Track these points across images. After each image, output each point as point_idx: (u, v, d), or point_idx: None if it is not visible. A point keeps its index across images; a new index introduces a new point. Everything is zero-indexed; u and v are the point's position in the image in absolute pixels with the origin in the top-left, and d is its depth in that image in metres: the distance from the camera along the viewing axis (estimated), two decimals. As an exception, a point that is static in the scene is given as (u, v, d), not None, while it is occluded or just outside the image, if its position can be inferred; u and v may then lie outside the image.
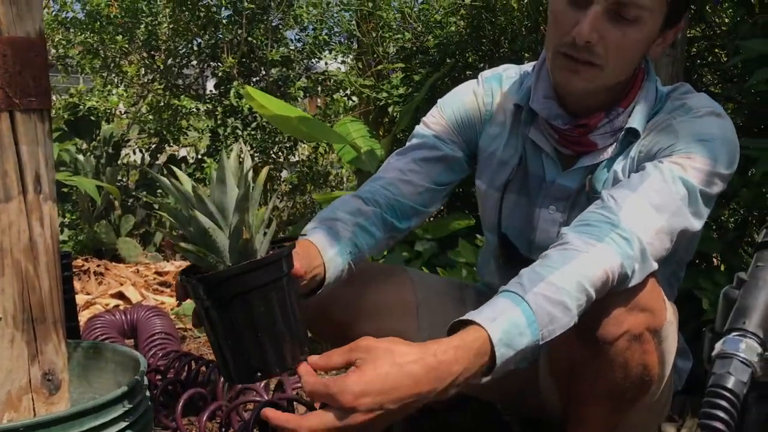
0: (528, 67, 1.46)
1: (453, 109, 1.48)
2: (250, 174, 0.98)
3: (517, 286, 1.06)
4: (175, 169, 1.07)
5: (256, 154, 4.81)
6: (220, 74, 4.66)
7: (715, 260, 2.36)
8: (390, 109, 3.59)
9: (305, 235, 1.29)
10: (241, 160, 1.00)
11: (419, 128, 1.50)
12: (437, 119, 1.48)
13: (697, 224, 1.23)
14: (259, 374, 1.02)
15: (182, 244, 0.97)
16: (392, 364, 0.95)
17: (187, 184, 0.98)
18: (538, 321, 1.02)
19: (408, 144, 1.49)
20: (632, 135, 1.31)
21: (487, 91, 1.48)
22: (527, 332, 1.01)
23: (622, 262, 1.10)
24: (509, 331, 1.00)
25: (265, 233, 1.02)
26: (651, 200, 1.17)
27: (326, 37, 4.70)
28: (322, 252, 1.25)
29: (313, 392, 0.96)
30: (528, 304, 1.03)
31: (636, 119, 1.31)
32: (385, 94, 3.60)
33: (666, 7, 1.23)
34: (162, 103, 4.83)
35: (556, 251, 1.11)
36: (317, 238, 1.27)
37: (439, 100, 1.51)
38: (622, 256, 1.10)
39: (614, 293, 1.13)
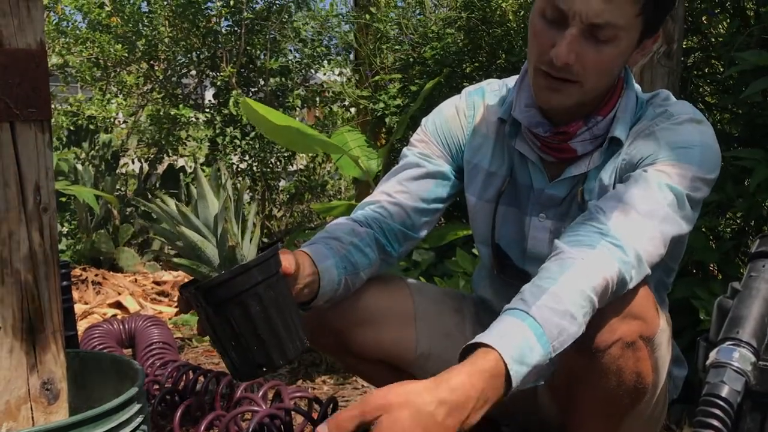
0: (511, 80, 1.48)
1: (436, 124, 1.51)
2: (229, 186, 1.02)
3: (520, 302, 1.06)
4: (159, 194, 1.11)
5: (254, 163, 4.82)
6: (218, 83, 4.68)
7: (711, 270, 2.37)
8: (387, 120, 3.61)
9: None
10: (218, 174, 1.04)
11: (405, 149, 1.53)
12: (421, 137, 1.51)
13: (687, 227, 1.25)
14: (264, 369, 1.07)
15: (175, 260, 1.01)
16: (410, 414, 0.91)
17: (171, 203, 1.02)
18: (547, 334, 1.02)
19: (395, 166, 1.51)
20: (616, 144, 1.34)
21: (469, 104, 1.50)
22: (537, 346, 1.01)
23: (619, 267, 1.11)
24: (520, 347, 0.99)
25: (251, 240, 1.07)
26: (638, 208, 1.18)
27: (325, 48, 4.73)
28: (317, 262, 1.27)
29: None
30: (534, 319, 1.03)
31: (618, 128, 1.33)
32: (382, 105, 3.62)
33: (642, 24, 1.24)
34: (161, 113, 4.84)
35: (553, 262, 1.12)
36: (312, 250, 1.29)
37: (423, 119, 1.54)
38: (618, 261, 1.11)
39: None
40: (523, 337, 1.01)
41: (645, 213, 1.18)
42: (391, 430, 0.90)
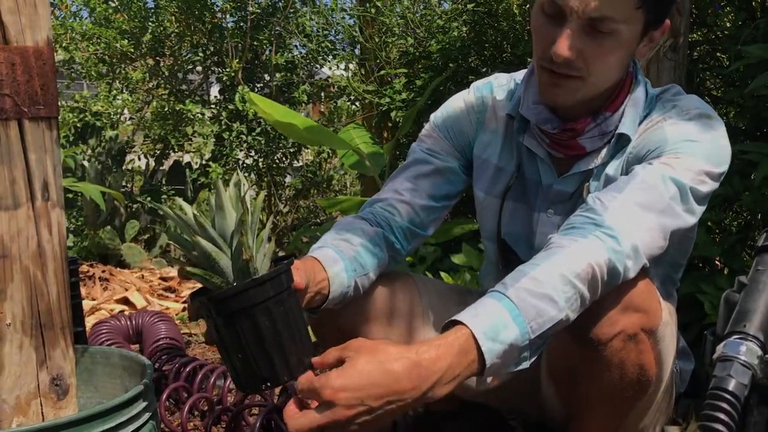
0: (519, 75, 1.48)
1: (444, 119, 1.50)
2: (248, 199, 1.03)
3: (500, 286, 1.09)
4: (179, 200, 1.11)
5: (260, 159, 4.83)
6: (224, 78, 4.68)
7: (717, 264, 2.36)
8: (393, 114, 3.60)
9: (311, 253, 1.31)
10: (236, 184, 1.05)
11: (413, 145, 1.52)
12: (429, 132, 1.51)
13: (690, 220, 1.23)
14: (268, 383, 1.07)
15: (189, 268, 1.01)
16: (374, 362, 0.98)
17: (189, 212, 1.02)
18: (523, 314, 1.04)
19: (404, 162, 1.51)
20: (624, 140, 1.33)
21: (477, 99, 1.50)
22: (513, 325, 1.03)
23: (609, 256, 1.11)
24: (493, 325, 1.02)
25: (264, 254, 1.07)
26: (637, 200, 1.18)
27: (329, 43, 4.73)
28: (327, 268, 1.27)
29: (301, 389, 1.01)
30: (510, 299, 1.05)
31: (626, 124, 1.32)
32: (387, 99, 3.62)
33: (643, 16, 1.23)
34: (167, 108, 4.85)
35: (542, 251, 1.14)
36: (322, 255, 1.29)
37: (431, 115, 1.53)
38: (609, 251, 1.11)
39: (608, 294, 1.14)
40: (497, 316, 1.03)
41: (644, 204, 1.18)
42: (353, 368, 0.98)
